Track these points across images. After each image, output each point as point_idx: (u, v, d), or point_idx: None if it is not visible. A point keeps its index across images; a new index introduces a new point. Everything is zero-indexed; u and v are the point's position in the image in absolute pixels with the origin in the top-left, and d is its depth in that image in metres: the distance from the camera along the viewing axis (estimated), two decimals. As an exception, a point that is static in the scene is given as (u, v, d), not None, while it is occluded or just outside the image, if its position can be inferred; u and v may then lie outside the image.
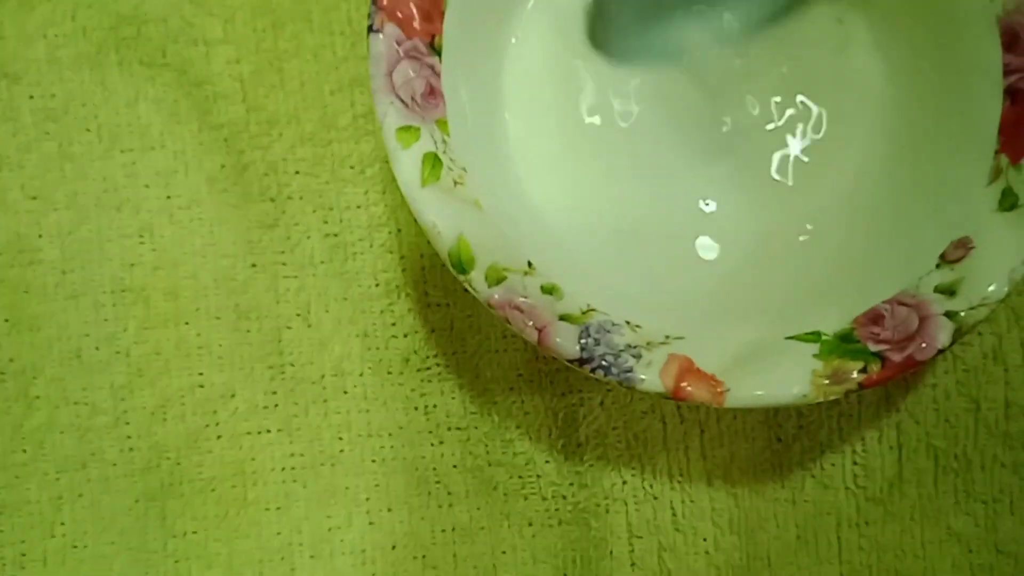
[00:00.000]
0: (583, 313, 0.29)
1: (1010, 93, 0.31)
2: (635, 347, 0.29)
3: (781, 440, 0.37)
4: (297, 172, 0.38)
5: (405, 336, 0.37)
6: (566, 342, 0.28)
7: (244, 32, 0.38)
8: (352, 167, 0.38)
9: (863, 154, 0.35)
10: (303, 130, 0.38)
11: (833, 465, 0.37)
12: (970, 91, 0.32)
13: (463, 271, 0.29)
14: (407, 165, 0.29)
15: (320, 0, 0.38)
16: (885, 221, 0.33)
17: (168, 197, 0.38)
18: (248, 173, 0.38)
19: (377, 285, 0.37)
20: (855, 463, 0.37)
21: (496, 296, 0.29)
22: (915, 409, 0.37)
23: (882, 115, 0.35)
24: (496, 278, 0.29)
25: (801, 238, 0.35)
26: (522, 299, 0.29)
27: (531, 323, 0.29)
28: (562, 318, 0.29)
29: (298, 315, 0.37)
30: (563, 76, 0.35)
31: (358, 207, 0.37)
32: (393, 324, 0.37)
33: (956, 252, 0.30)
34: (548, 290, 0.29)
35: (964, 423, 0.37)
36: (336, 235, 0.37)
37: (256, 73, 0.38)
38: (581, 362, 0.28)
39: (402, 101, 0.29)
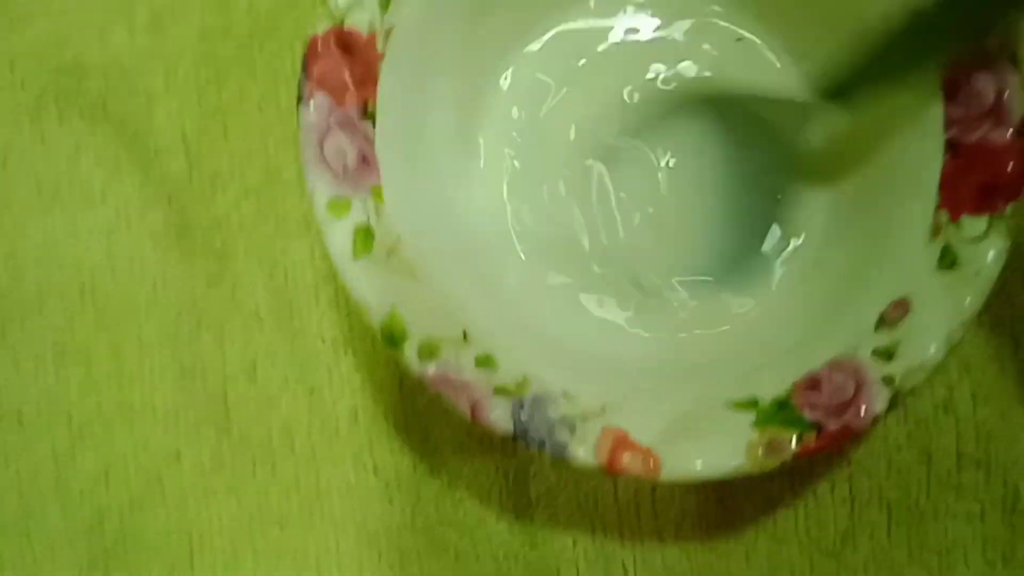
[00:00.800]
0: (518, 384, 0.29)
1: (951, 146, 0.30)
2: (570, 420, 0.28)
3: (733, 495, 0.36)
4: (242, 227, 0.37)
5: (353, 394, 0.37)
6: (500, 417, 0.28)
7: (186, 84, 0.38)
8: (297, 222, 0.37)
9: (805, 210, 0.35)
10: (247, 184, 0.37)
11: (785, 519, 0.36)
12: (912, 144, 0.32)
13: (395, 345, 0.28)
14: (338, 238, 0.29)
15: (264, 50, 0.38)
16: (826, 280, 0.33)
17: (110, 253, 0.37)
18: (192, 228, 0.37)
19: (324, 342, 0.37)
20: (807, 516, 0.36)
21: (429, 371, 0.28)
22: (867, 461, 0.37)
23: (824, 171, 0.34)
24: (429, 352, 0.29)
25: (742, 300, 0.34)
26: (455, 374, 0.28)
27: (464, 398, 0.28)
28: (497, 391, 0.29)
29: (244, 372, 0.37)
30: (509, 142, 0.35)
31: (303, 262, 0.37)
32: (340, 382, 0.37)
33: (895, 313, 0.30)
34: (483, 362, 0.29)
35: (916, 475, 0.37)
36: (282, 291, 0.37)
37: (199, 126, 0.38)
38: (515, 437, 0.28)
39: (333, 172, 0.29)
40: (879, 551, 0.36)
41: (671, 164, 0.36)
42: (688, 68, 0.36)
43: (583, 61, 0.37)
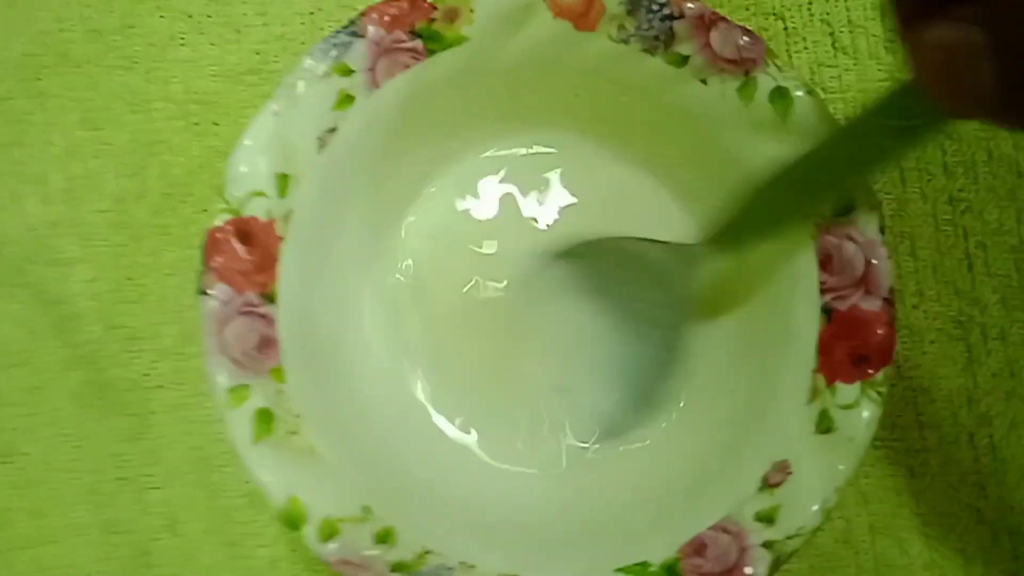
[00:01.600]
0: (417, 558, 0.30)
1: (826, 312, 0.32)
2: (466, 594, 0.29)
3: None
4: (159, 386, 0.38)
5: (271, 545, 0.38)
6: (397, 596, 0.29)
7: (101, 249, 0.39)
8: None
9: (694, 368, 0.36)
10: (164, 345, 0.39)
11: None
12: (792, 308, 0.33)
13: (296, 528, 0.29)
14: (237, 423, 0.30)
15: (178, 214, 0.39)
16: (714, 441, 0.34)
17: (31, 415, 0.38)
18: (110, 388, 0.38)
19: (242, 496, 0.38)
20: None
21: (329, 551, 0.29)
22: (771, 593, 0.38)
23: (711, 332, 0.36)
24: (329, 532, 0.30)
25: (634, 462, 0.35)
26: (355, 553, 0.29)
27: (363, 578, 0.29)
28: (395, 568, 0.30)
29: (165, 526, 0.38)
30: (415, 306, 0.37)
31: (221, 420, 0.38)
32: (259, 533, 0.38)
33: (776, 476, 0.31)
34: (383, 537, 0.30)
35: (819, 606, 0.38)
36: (200, 448, 0.38)
37: (114, 290, 0.39)
38: (412, 614, 0.29)
39: (233, 359, 0.30)
40: None
41: (558, 310, 0.37)
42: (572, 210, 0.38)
43: (469, 207, 0.38)
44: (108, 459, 0.38)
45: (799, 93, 0.32)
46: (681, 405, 0.36)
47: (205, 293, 0.30)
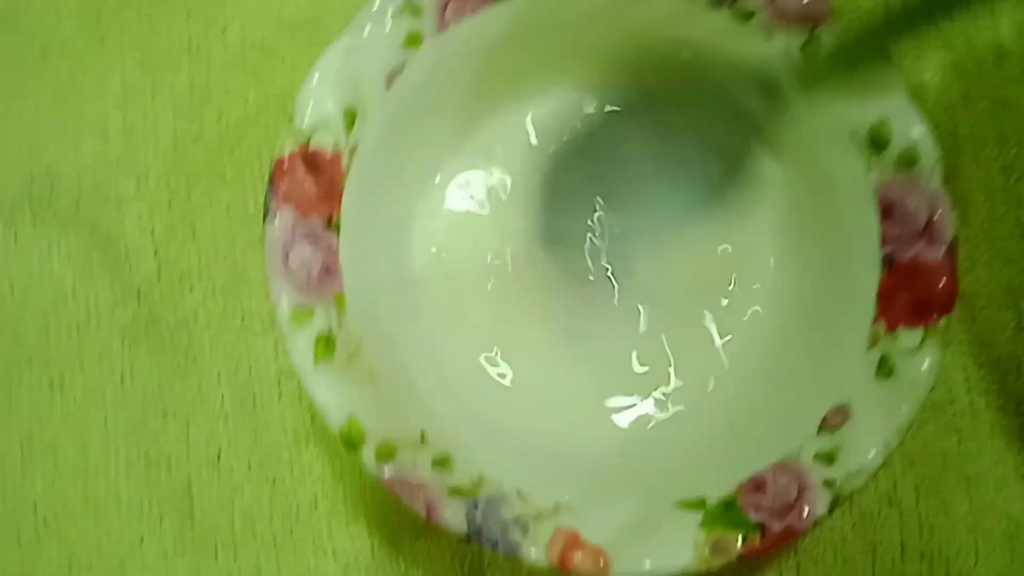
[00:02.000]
0: (474, 484, 0.30)
1: (887, 261, 0.32)
2: (523, 519, 0.30)
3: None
4: (208, 324, 0.38)
5: (313, 483, 0.38)
6: (454, 518, 0.29)
7: (157, 189, 0.39)
8: (262, 320, 0.39)
9: (750, 317, 0.36)
10: (214, 284, 0.39)
11: (734, 607, 0.37)
12: (851, 258, 0.33)
13: (354, 449, 0.29)
14: (300, 346, 0.30)
15: (233, 156, 0.39)
16: (771, 384, 0.34)
17: (80, 348, 0.38)
18: (160, 325, 0.38)
19: (286, 433, 0.38)
20: (757, 605, 0.37)
21: (387, 473, 0.29)
22: (814, 551, 0.38)
23: (768, 280, 0.36)
24: (387, 454, 0.30)
25: (691, 402, 0.35)
26: (412, 475, 0.29)
27: (421, 498, 0.29)
28: (452, 491, 0.30)
29: (208, 462, 0.38)
30: (471, 245, 0.37)
31: (267, 359, 0.38)
32: (302, 471, 0.38)
33: (836, 418, 0.31)
34: (439, 462, 0.30)
35: (861, 566, 0.38)
36: (246, 386, 0.38)
37: (168, 229, 0.39)
38: (469, 537, 0.29)
39: (297, 283, 0.30)
40: (827, 640, 0.37)
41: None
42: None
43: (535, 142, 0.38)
44: (154, 395, 0.38)
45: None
46: (741, 346, 0.36)
47: (271, 217, 0.30)
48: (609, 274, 0.36)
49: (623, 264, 0.37)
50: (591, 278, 0.37)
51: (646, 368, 0.36)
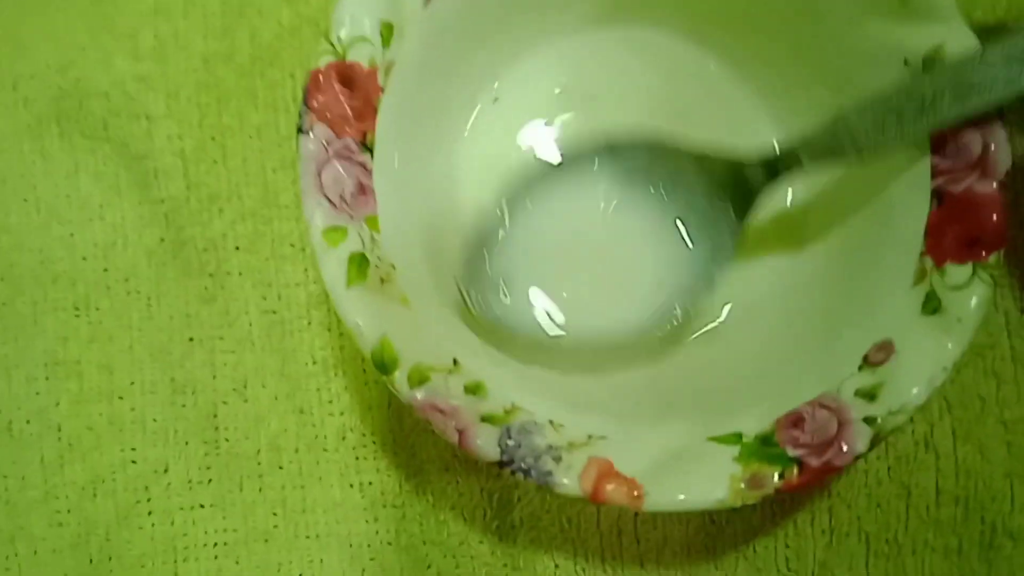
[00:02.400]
0: (506, 412, 0.30)
1: (937, 195, 0.31)
2: (556, 449, 0.29)
3: (714, 522, 0.37)
4: (237, 248, 0.38)
5: (341, 414, 0.37)
6: (487, 444, 0.29)
7: (187, 108, 0.38)
8: (292, 245, 0.38)
9: (790, 251, 0.35)
10: (244, 207, 0.38)
11: (766, 548, 0.37)
12: (898, 191, 0.32)
13: (386, 372, 0.29)
14: (332, 266, 0.29)
15: (265, 77, 0.38)
16: (811, 320, 0.34)
17: (105, 270, 0.38)
18: (187, 248, 0.38)
19: (314, 362, 0.37)
20: (787, 546, 0.37)
21: (418, 397, 0.29)
22: (847, 494, 0.37)
23: (813, 209, 0.36)
24: (419, 379, 0.29)
25: (727, 335, 0.35)
26: (444, 400, 0.29)
27: (452, 425, 0.29)
28: (484, 419, 0.29)
29: (234, 390, 0.38)
30: (507, 174, 0.35)
31: (297, 284, 0.38)
32: (330, 401, 0.37)
33: (878, 355, 0.30)
34: (472, 389, 0.29)
35: (895, 509, 0.37)
36: (274, 312, 0.38)
37: (198, 149, 0.38)
38: (501, 464, 0.29)
39: (330, 201, 0.30)
40: (857, 583, 0.36)
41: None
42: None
43: (558, 90, 0.37)
44: (180, 319, 0.38)
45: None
46: (779, 280, 0.35)
47: (305, 133, 0.29)
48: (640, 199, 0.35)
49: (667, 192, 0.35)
50: (626, 199, 0.35)
51: (684, 300, 0.34)
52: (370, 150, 0.31)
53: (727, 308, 0.36)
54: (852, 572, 0.37)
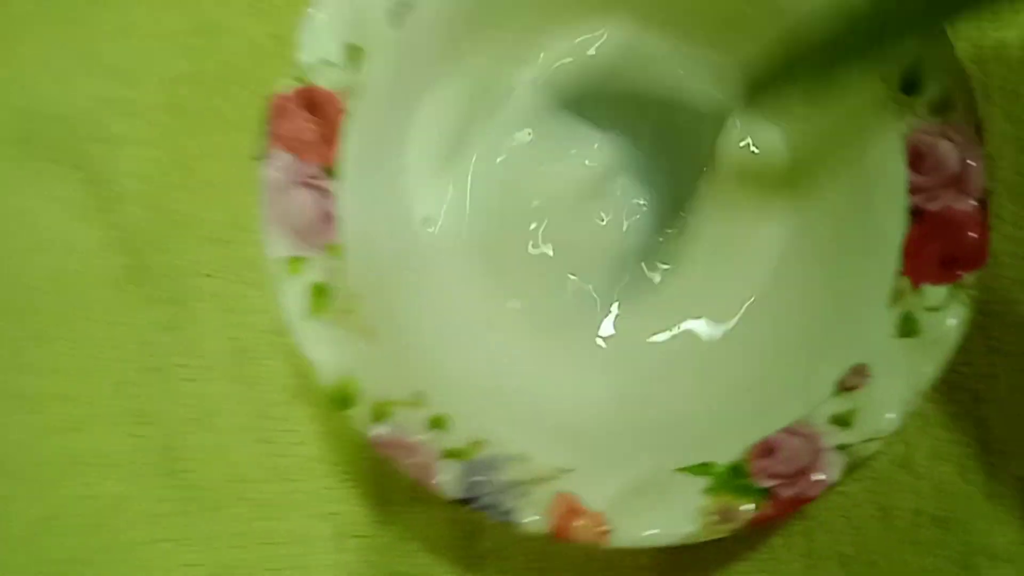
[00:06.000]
0: (471, 446, 0.29)
1: (915, 213, 0.31)
2: (521, 484, 0.28)
3: (688, 548, 0.36)
4: (201, 274, 0.37)
5: (307, 443, 0.37)
6: (448, 481, 0.28)
7: (153, 131, 0.38)
8: (258, 270, 0.37)
9: (765, 270, 0.35)
10: (208, 232, 0.37)
11: (742, 572, 0.36)
12: (875, 209, 0.32)
13: (345, 407, 0.28)
14: (292, 296, 0.29)
15: (231, 98, 0.38)
16: (785, 343, 0.33)
17: (66, 298, 0.37)
18: (151, 274, 0.37)
19: (280, 391, 0.37)
20: (764, 571, 0.36)
21: (378, 433, 0.28)
22: (824, 516, 0.37)
23: (785, 232, 0.35)
24: (380, 414, 0.28)
25: (698, 361, 0.34)
26: (405, 436, 0.28)
27: (413, 461, 0.28)
28: (448, 454, 0.29)
29: (196, 420, 0.37)
30: (480, 200, 0.36)
31: (262, 311, 0.37)
32: (295, 431, 0.37)
33: (853, 379, 0.30)
34: (436, 423, 0.29)
35: (874, 531, 0.37)
36: (239, 339, 0.37)
37: (162, 172, 0.38)
38: (464, 502, 0.28)
39: (292, 229, 0.29)
40: (836, 607, 0.36)
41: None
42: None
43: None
44: (142, 347, 0.37)
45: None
46: (751, 302, 0.35)
47: (265, 159, 0.29)
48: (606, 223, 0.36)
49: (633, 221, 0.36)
50: (591, 230, 0.36)
51: (654, 325, 0.34)
52: (335, 176, 0.30)
53: (700, 334, 0.34)
54: (830, 597, 0.36)
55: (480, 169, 0.36)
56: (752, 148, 0.36)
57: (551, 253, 0.36)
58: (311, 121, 0.30)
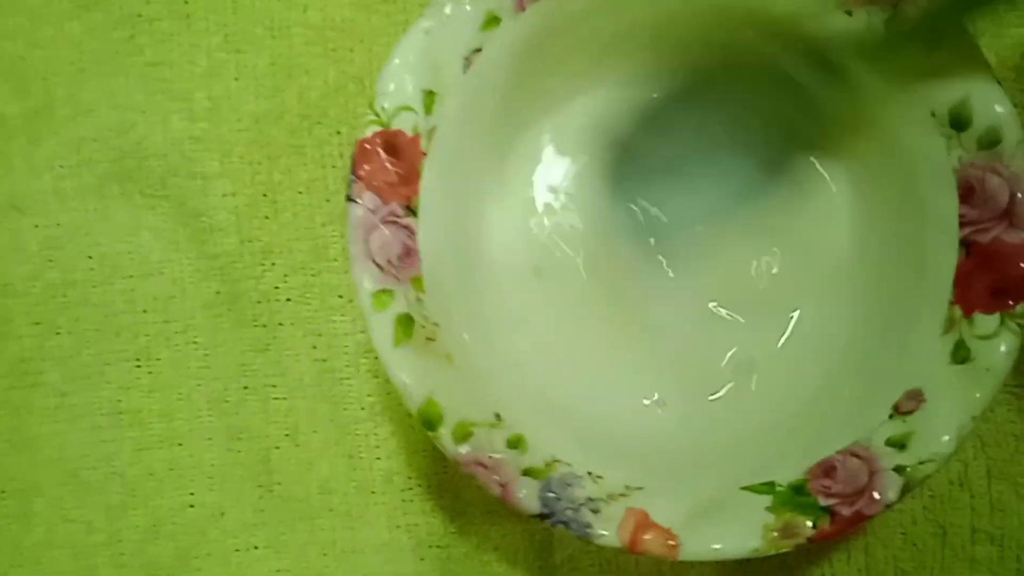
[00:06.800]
0: (547, 466, 0.31)
1: (965, 245, 0.32)
2: (594, 500, 0.30)
3: (750, 561, 0.38)
4: (288, 300, 0.40)
5: (388, 457, 0.39)
6: (528, 498, 0.30)
7: (240, 166, 0.40)
8: (340, 296, 0.39)
9: (821, 299, 0.37)
10: (295, 260, 0.40)
11: (803, 587, 0.38)
12: (927, 240, 0.33)
13: (432, 428, 0.30)
14: (381, 327, 0.31)
15: (313, 135, 0.40)
16: (842, 368, 0.35)
17: (165, 322, 0.39)
18: (242, 300, 0.39)
19: (362, 409, 0.39)
20: (824, 585, 0.38)
21: (462, 452, 0.30)
22: (882, 532, 0.38)
23: (841, 261, 0.37)
24: (463, 434, 0.30)
25: (759, 384, 0.36)
26: (487, 455, 0.30)
27: (495, 479, 0.30)
28: (526, 472, 0.30)
29: (287, 436, 0.39)
30: (542, 231, 0.38)
31: (345, 334, 0.39)
32: (377, 446, 0.39)
33: (908, 404, 0.31)
34: (514, 443, 0.31)
35: (931, 548, 0.38)
36: (324, 360, 0.39)
37: (250, 205, 0.40)
38: (542, 516, 0.30)
39: (378, 265, 0.31)
40: (895, 621, 0.37)
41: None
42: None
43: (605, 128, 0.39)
44: (235, 368, 0.39)
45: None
46: (806, 332, 0.36)
47: (353, 200, 0.31)
48: (665, 263, 0.38)
49: (683, 251, 0.38)
50: (651, 264, 0.37)
51: (714, 352, 0.36)
52: (415, 213, 0.32)
53: (761, 358, 0.36)
54: (889, 610, 0.37)
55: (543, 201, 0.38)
56: (821, 172, 0.37)
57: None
58: (393, 163, 0.32)
